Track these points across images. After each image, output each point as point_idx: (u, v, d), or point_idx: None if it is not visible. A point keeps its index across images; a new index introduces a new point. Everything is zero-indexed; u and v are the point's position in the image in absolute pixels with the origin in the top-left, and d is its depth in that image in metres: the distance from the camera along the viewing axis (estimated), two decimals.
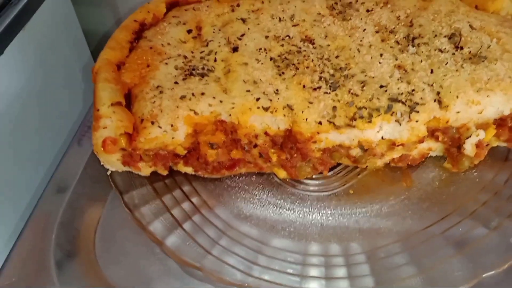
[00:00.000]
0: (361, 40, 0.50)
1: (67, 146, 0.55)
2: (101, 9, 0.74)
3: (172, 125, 0.44)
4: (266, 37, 0.52)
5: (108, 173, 0.47)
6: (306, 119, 0.44)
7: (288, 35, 0.52)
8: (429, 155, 0.48)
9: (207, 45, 0.51)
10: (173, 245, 0.41)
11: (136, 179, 0.47)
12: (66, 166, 0.52)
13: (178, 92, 0.45)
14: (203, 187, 0.47)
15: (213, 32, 0.53)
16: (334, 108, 0.44)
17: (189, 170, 0.48)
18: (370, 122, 0.43)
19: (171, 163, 0.47)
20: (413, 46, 0.49)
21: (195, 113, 0.44)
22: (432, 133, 0.46)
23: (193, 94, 0.45)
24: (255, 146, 0.46)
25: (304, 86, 0.46)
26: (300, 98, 0.45)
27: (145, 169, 0.46)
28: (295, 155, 0.46)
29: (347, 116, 0.44)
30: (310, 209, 0.46)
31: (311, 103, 0.45)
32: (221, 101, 0.45)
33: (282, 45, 0.51)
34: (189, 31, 0.53)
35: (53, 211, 0.47)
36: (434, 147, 0.48)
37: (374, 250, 0.41)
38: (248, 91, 0.46)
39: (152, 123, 0.44)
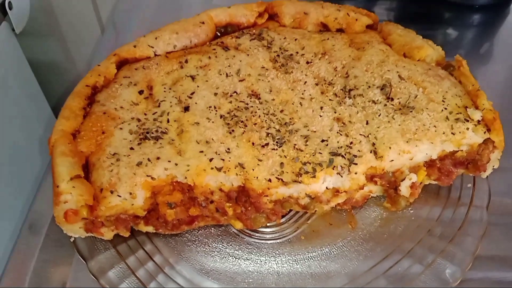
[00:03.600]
0: (302, 93, 0.55)
1: (27, 212, 0.56)
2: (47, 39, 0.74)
3: (130, 193, 0.46)
4: (215, 94, 0.55)
5: (72, 240, 0.48)
6: (257, 177, 0.47)
7: (235, 91, 0.55)
8: (370, 196, 0.53)
9: (159, 106, 0.54)
10: None
11: (99, 243, 0.49)
12: (28, 232, 0.53)
13: (134, 158, 0.48)
14: (164, 244, 0.50)
15: (164, 91, 0.55)
16: (282, 164, 0.48)
17: (150, 229, 0.50)
18: (314, 177, 0.47)
19: (132, 224, 0.50)
20: (349, 97, 0.54)
21: (152, 178, 0.47)
22: (371, 179, 0.51)
23: (148, 160, 0.48)
24: (212, 202, 0.50)
25: (253, 143, 0.50)
26: (250, 156, 0.49)
27: (107, 234, 0.49)
28: (249, 208, 0.50)
29: (293, 172, 0.48)
30: (266, 258, 0.49)
31: (260, 160, 0.48)
32: (176, 164, 0.48)
33: (231, 102, 0.54)
34: (141, 92, 0.55)
35: (20, 278, 0.49)
36: (374, 190, 0.53)
37: None
38: (202, 151, 0.49)
39: (112, 192, 0.46)
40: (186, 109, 0.53)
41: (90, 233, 0.48)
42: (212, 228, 0.52)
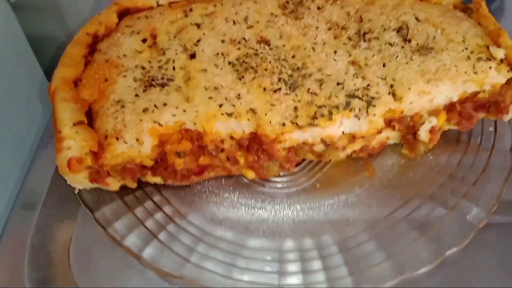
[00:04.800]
0: (315, 38, 0.52)
1: (28, 167, 0.54)
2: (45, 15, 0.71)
3: (137, 139, 0.44)
4: (223, 41, 0.52)
5: (76, 191, 0.46)
6: (270, 122, 0.45)
7: (244, 38, 0.52)
8: (387, 144, 0.51)
9: (164, 54, 0.51)
10: (151, 257, 0.41)
11: (105, 195, 0.47)
12: (30, 187, 0.51)
13: (140, 105, 0.45)
14: (173, 195, 0.48)
15: (169, 39, 0.52)
16: (296, 108, 0.46)
17: (158, 180, 0.48)
18: (330, 119, 0.45)
19: (139, 175, 0.47)
20: (364, 41, 0.51)
21: (159, 124, 0.44)
22: (388, 123, 0.48)
23: (155, 106, 0.45)
24: (222, 150, 0.47)
25: (264, 89, 0.47)
26: (262, 101, 0.46)
27: (113, 184, 0.46)
28: (261, 156, 0.47)
29: (308, 116, 0.45)
30: (281, 206, 0.47)
31: (273, 105, 0.46)
32: (184, 110, 0.45)
33: (239, 49, 0.51)
34: (144, 40, 0.52)
35: (22, 235, 0.46)
36: (392, 136, 0.50)
37: (344, 240, 0.43)
38: (211, 98, 0.46)
39: (117, 139, 0.43)
40: (193, 56, 0.51)
41: (95, 183, 0.46)
42: (223, 179, 0.50)
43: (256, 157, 0.47)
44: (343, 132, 0.46)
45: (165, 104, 0.46)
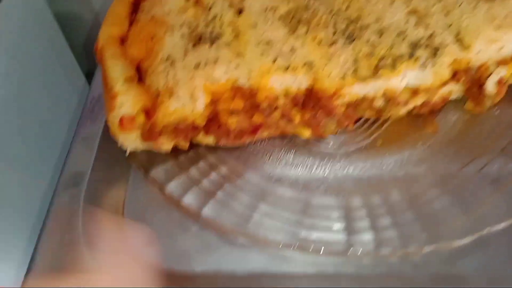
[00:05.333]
0: None
1: (72, 136, 0.52)
2: None
3: (191, 96, 0.42)
4: None
5: (127, 153, 0.44)
6: (329, 75, 0.42)
7: None
8: (449, 99, 0.48)
9: (209, 10, 0.49)
10: (211, 216, 0.39)
11: (157, 156, 0.45)
12: (76, 156, 0.50)
13: (190, 61, 0.43)
14: (227, 155, 0.46)
15: None
16: (355, 60, 0.43)
17: (210, 141, 0.46)
18: (394, 70, 0.42)
19: (191, 135, 0.45)
20: None
21: (212, 81, 0.42)
22: (453, 76, 0.45)
23: (206, 62, 0.43)
24: (276, 108, 0.45)
25: (320, 42, 0.44)
26: (318, 55, 0.44)
27: (166, 144, 0.44)
28: (318, 113, 0.45)
29: (370, 67, 0.42)
30: (340, 165, 0.45)
31: (330, 58, 0.43)
32: (236, 66, 0.43)
33: (288, 3, 0.49)
34: None
35: (73, 203, 0.45)
36: (455, 90, 0.47)
37: (413, 196, 0.41)
38: (263, 53, 0.44)
39: (170, 96, 0.41)
40: (240, 11, 0.48)
41: (148, 144, 0.44)
42: (277, 140, 0.48)
43: (313, 114, 0.45)
44: (406, 84, 0.44)
45: (216, 60, 0.43)
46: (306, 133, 0.47)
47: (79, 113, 0.54)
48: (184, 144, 0.45)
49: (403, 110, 0.47)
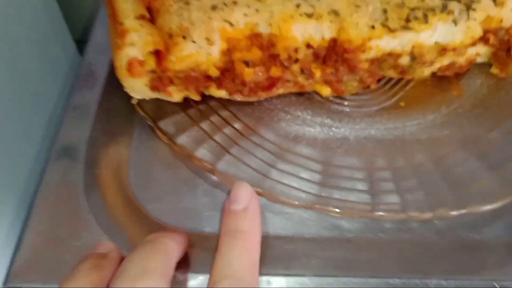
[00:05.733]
0: None
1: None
2: None
3: (207, 39, 0.38)
4: None
5: (134, 101, 0.41)
6: (356, 25, 0.39)
7: None
8: (475, 62, 0.46)
9: None
10: (225, 171, 0.36)
11: (166, 106, 0.41)
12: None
13: (206, 2, 0.39)
14: (240, 111, 0.43)
15: None
16: (385, 10, 0.40)
17: (223, 94, 0.43)
18: (426, 23, 0.39)
19: (203, 87, 0.42)
20: None
21: (230, 24, 0.39)
22: (483, 36, 0.43)
23: (224, 4, 0.40)
24: (296, 61, 0.42)
25: None
26: (344, 3, 0.40)
27: (176, 94, 0.41)
28: (341, 68, 0.42)
29: (400, 18, 0.39)
30: (361, 126, 0.42)
31: (358, 6, 0.40)
32: (257, 10, 0.40)
33: None
34: None
35: (74, 147, 0.41)
36: (482, 52, 0.45)
37: (439, 158, 0.39)
38: None
39: (184, 37, 0.38)
40: None
41: (156, 91, 0.40)
42: (293, 97, 0.45)
43: (335, 69, 0.42)
44: (435, 42, 0.41)
45: (235, 2, 0.40)
46: (326, 91, 0.44)
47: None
48: (196, 95, 0.41)
49: (427, 71, 0.44)
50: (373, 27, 0.39)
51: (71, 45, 0.59)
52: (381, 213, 0.34)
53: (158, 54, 0.38)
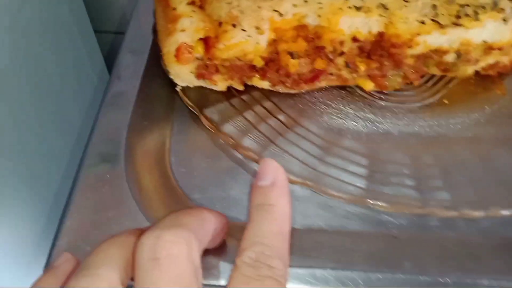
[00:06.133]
0: None
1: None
2: None
3: (257, 28, 0.38)
4: None
5: (178, 88, 0.40)
6: (406, 19, 0.39)
7: None
8: None
9: None
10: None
11: (209, 95, 0.41)
12: (117, 90, 0.45)
13: None
14: (282, 102, 0.42)
15: None
16: (434, 6, 0.40)
17: (265, 84, 0.42)
18: (477, 20, 0.39)
19: (246, 76, 0.41)
20: None
21: (280, 14, 0.38)
22: None
23: None
24: (341, 54, 0.41)
25: None
26: None
27: (221, 83, 0.40)
28: (386, 63, 0.41)
29: (450, 14, 0.39)
30: (404, 121, 0.42)
31: (406, 1, 0.40)
32: (305, 1, 0.39)
33: None
34: None
35: (114, 134, 0.41)
36: None
37: (486, 157, 0.38)
38: None
39: (234, 25, 0.37)
40: None
41: (202, 79, 0.40)
42: (334, 90, 0.44)
43: (380, 64, 0.42)
44: (483, 40, 0.40)
45: None
46: (369, 85, 0.43)
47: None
48: (239, 85, 0.41)
49: (471, 70, 0.44)
50: (423, 22, 0.39)
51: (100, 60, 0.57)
52: (432, 209, 0.34)
53: (206, 41, 0.38)
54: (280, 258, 0.27)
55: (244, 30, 0.37)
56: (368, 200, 0.34)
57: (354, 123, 0.42)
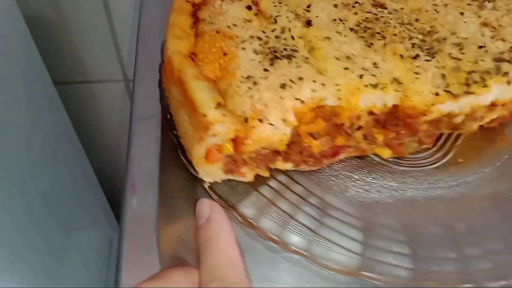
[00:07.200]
0: (434, 0, 0.47)
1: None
2: None
3: (284, 120, 0.38)
4: (335, 5, 0.46)
5: (206, 185, 0.40)
6: (420, 92, 0.40)
7: (357, 1, 0.47)
8: None
9: (275, 22, 0.45)
10: (318, 256, 0.36)
11: (237, 186, 0.40)
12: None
13: (274, 80, 0.39)
14: (308, 182, 0.42)
15: (274, 6, 0.46)
16: (443, 76, 0.41)
17: (288, 166, 0.42)
18: (485, 86, 0.41)
19: (270, 161, 0.41)
20: (489, 1, 0.47)
21: (301, 101, 0.39)
22: None
23: (291, 80, 0.39)
24: (359, 128, 0.42)
25: (401, 56, 0.42)
26: (403, 70, 0.41)
27: (249, 174, 0.40)
28: (402, 132, 0.43)
29: (459, 83, 0.41)
30: (426, 185, 0.43)
31: (417, 73, 0.41)
32: (323, 84, 0.40)
33: (356, 13, 0.46)
34: (249, 7, 0.45)
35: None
36: None
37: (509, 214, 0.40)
38: (346, 68, 0.41)
39: (261, 121, 0.37)
40: (308, 23, 0.45)
41: (230, 174, 0.39)
42: (353, 160, 0.45)
43: (396, 133, 0.43)
44: (491, 100, 0.43)
45: (301, 78, 0.40)
46: (386, 153, 0.44)
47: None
48: (265, 172, 0.41)
49: (476, 125, 0.46)
50: (437, 94, 0.40)
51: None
52: (478, 281, 0.35)
53: (235, 139, 0.37)
54: (238, 283, 0.29)
55: (271, 124, 0.37)
56: (418, 281, 0.35)
57: (379, 193, 0.42)
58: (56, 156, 0.56)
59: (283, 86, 0.39)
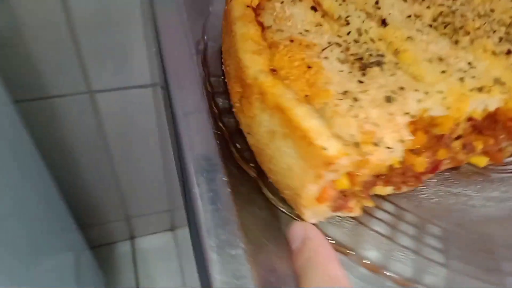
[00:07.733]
0: None
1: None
2: None
3: (402, 141, 0.31)
4: (404, 0, 0.41)
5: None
6: None
7: None
8: None
9: (347, 24, 0.38)
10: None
11: (343, 225, 0.34)
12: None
13: (374, 94, 0.33)
14: (412, 206, 0.37)
15: (339, 5, 0.40)
16: None
17: (389, 190, 0.37)
18: None
19: (371, 188, 0.35)
20: None
21: (412, 116, 0.33)
22: None
23: (393, 92, 0.33)
24: (459, 137, 0.37)
25: (493, 52, 0.38)
26: (500, 68, 0.37)
27: (356, 208, 0.34)
28: (500, 136, 0.38)
29: None
30: None
31: None
32: (426, 93, 0.34)
33: (428, 7, 0.41)
34: (314, 9, 0.39)
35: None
36: None
37: None
38: (444, 72, 0.36)
39: (376, 144, 0.31)
40: (383, 22, 0.39)
41: (338, 212, 0.33)
42: (446, 173, 0.40)
43: (495, 138, 0.38)
44: None
45: (402, 88, 0.34)
46: (483, 161, 0.40)
47: None
48: (369, 201, 0.35)
49: None
50: None
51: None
52: None
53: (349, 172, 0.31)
54: None
55: (389, 147, 0.31)
56: None
57: (485, 208, 0.38)
58: (18, 177, 0.49)
59: (388, 99, 0.33)
